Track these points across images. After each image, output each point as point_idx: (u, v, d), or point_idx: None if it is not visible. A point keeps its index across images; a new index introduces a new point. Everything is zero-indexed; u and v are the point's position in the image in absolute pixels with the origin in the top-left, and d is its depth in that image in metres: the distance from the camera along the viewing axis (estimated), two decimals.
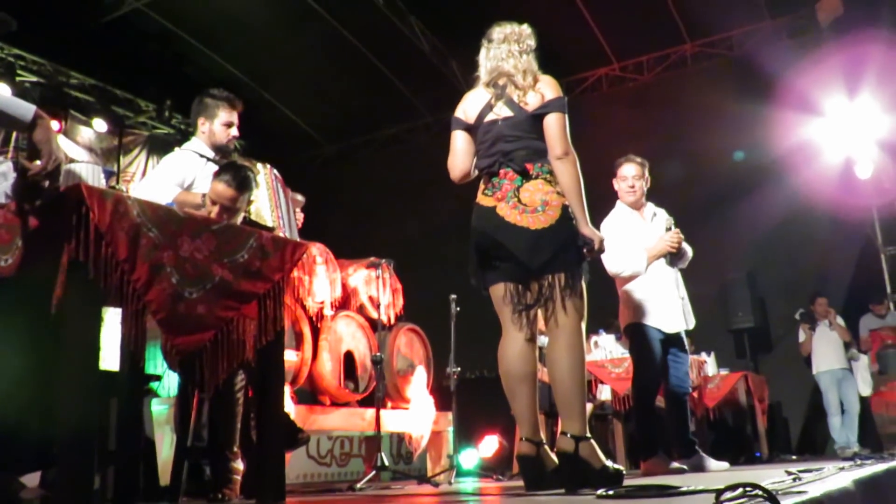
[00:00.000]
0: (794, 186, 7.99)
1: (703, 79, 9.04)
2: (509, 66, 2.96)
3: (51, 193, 2.08)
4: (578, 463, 2.61)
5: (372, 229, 9.61)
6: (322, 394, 4.53)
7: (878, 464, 3.31)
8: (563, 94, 2.96)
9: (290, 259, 2.70)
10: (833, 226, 8.09)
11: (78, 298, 2.07)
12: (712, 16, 8.64)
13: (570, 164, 2.83)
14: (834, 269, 8.41)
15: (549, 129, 2.86)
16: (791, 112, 8.15)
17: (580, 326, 2.83)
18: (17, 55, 8.02)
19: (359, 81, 9.84)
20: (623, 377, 5.48)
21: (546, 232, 2.76)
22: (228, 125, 3.72)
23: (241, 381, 3.17)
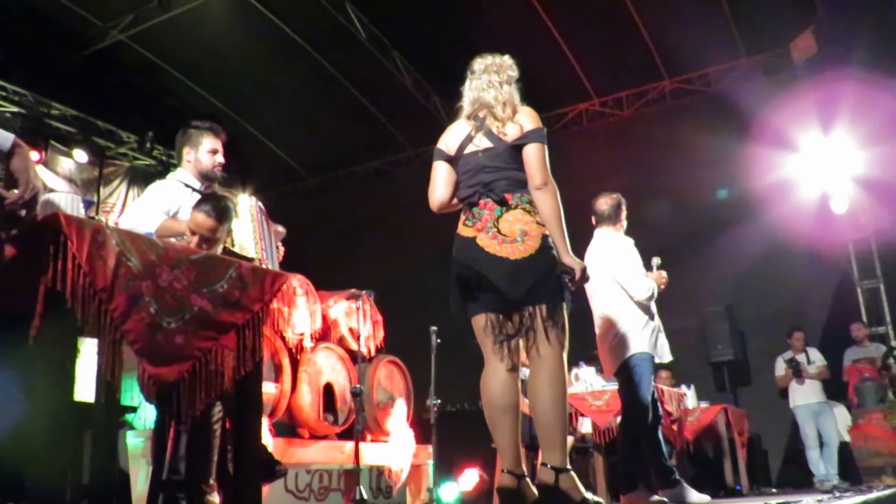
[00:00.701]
0: (771, 221, 8.08)
1: (680, 115, 9.16)
2: (489, 98, 2.98)
3: (28, 222, 2.07)
4: (558, 495, 2.59)
5: (353, 261, 9.61)
6: (301, 426, 4.48)
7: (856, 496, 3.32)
8: (542, 125, 2.96)
9: (270, 290, 2.70)
10: (810, 260, 8.19)
11: (54, 328, 2.06)
12: (689, 53, 8.79)
13: (549, 193, 2.83)
14: (811, 302, 8.49)
15: (528, 160, 2.86)
16: (767, 148, 8.28)
17: (562, 358, 2.81)
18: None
19: (341, 115, 9.89)
20: (604, 410, 5.48)
21: (525, 262, 2.75)
22: (213, 152, 3.74)
23: (219, 413, 3.13)
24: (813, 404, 7.68)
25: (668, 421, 5.78)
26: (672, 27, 8.39)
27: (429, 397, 5.00)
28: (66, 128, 8.71)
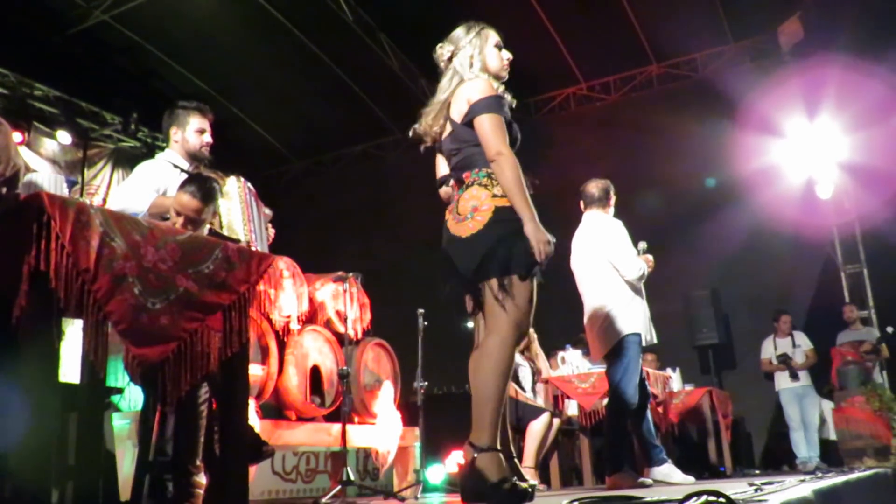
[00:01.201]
0: (756, 206, 8.12)
1: (668, 100, 9.19)
2: (444, 82, 2.93)
3: (10, 201, 2.05)
4: (475, 473, 2.50)
5: (340, 244, 9.59)
6: (288, 408, 4.48)
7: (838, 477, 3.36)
8: (490, 93, 2.79)
9: (257, 271, 2.68)
10: (795, 245, 8.24)
11: (38, 309, 2.04)
12: (677, 38, 8.80)
13: (504, 163, 2.68)
14: (796, 287, 8.56)
15: (479, 134, 2.75)
16: (753, 133, 8.31)
17: (505, 334, 2.65)
18: None
19: (328, 98, 9.85)
20: (590, 392, 5.51)
21: (473, 238, 2.67)
22: (201, 132, 3.72)
23: (205, 394, 3.13)
24: (797, 388, 7.77)
25: (654, 403, 5.81)
26: (660, 12, 8.40)
27: (416, 380, 5.00)
28: (49, 109, 8.62)
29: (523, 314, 2.68)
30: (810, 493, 1.92)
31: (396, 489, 4.86)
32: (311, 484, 5.48)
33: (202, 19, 8.58)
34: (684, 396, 6.74)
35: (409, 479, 5.09)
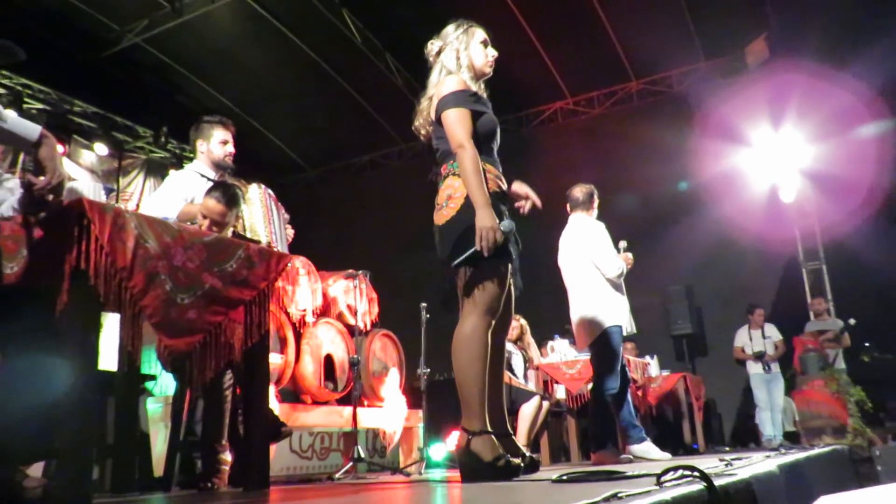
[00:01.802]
0: (726, 210, 8.14)
1: (646, 113, 9.18)
2: (433, 77, 2.83)
3: (54, 207, 2.05)
4: (470, 455, 2.46)
5: (350, 244, 9.59)
6: (304, 393, 4.49)
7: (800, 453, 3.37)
8: (453, 89, 2.67)
9: (275, 269, 2.69)
10: (760, 244, 8.24)
11: (79, 303, 2.04)
12: (655, 57, 8.82)
13: (464, 156, 2.56)
14: (761, 282, 8.58)
15: (444, 127, 2.65)
16: (723, 143, 8.34)
17: (475, 317, 2.53)
18: (24, 84, 7.91)
19: (338, 112, 9.86)
20: (576, 378, 5.52)
21: (446, 225, 2.59)
22: (224, 143, 3.72)
23: (230, 380, 3.13)
24: (765, 373, 7.82)
25: (634, 387, 5.82)
26: (639, 33, 8.41)
27: (419, 367, 5.01)
28: (87, 123, 8.63)
29: (493, 298, 2.56)
30: (775, 468, 1.92)
31: (402, 465, 4.87)
32: (325, 461, 5.48)
33: (224, 41, 8.59)
34: (661, 381, 6.75)
35: (413, 457, 5.10)
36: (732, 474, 1.61)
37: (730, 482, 1.46)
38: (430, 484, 2.61)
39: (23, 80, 7.86)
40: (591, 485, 1.70)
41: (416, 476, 3.95)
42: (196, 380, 2.40)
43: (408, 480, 3.37)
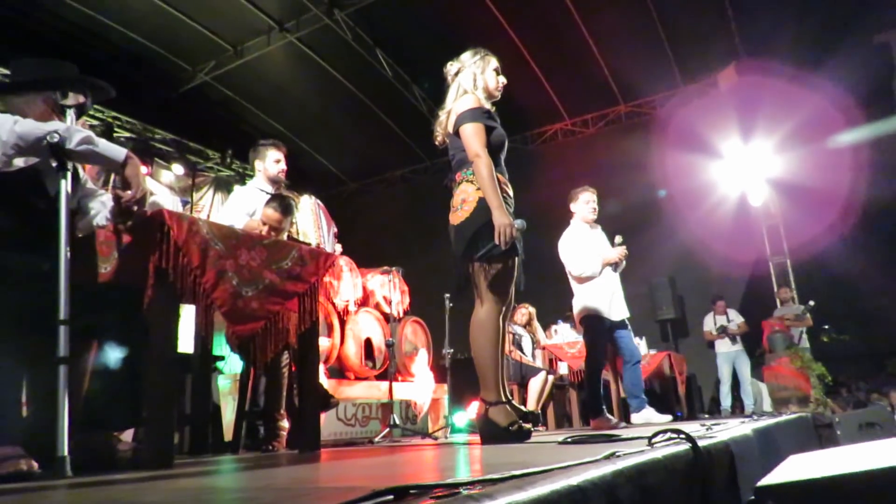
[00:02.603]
0: (703, 212, 8.06)
1: (633, 131, 9.09)
2: (450, 94, 2.79)
3: (140, 216, 2.07)
4: (488, 423, 2.45)
5: (385, 245, 9.58)
6: (348, 370, 4.51)
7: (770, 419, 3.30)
8: (472, 107, 2.64)
9: (324, 266, 2.69)
10: (732, 241, 8.13)
11: (161, 297, 2.06)
12: (639, 83, 8.74)
13: (479, 164, 2.53)
14: (733, 274, 8.45)
15: (462, 141, 2.61)
16: (699, 156, 8.24)
17: (489, 307, 2.51)
18: (115, 117, 8.03)
19: (374, 134, 9.88)
20: (576, 356, 5.48)
21: (463, 224, 2.54)
22: (277, 161, 3.73)
23: (286, 360, 3.15)
24: (731, 352, 7.74)
25: None
26: (626, 64, 8.33)
27: (444, 348, 5.00)
28: (166, 148, 8.73)
29: (504, 287, 2.55)
30: (750, 431, 1.89)
31: (431, 431, 4.87)
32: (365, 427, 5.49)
33: (278, 78, 8.65)
34: (649, 359, 6.65)
35: (440, 423, 5.10)
36: (713, 437, 1.59)
37: (711, 443, 1.43)
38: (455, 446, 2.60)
39: (113, 113, 7.97)
40: (592, 446, 1.68)
41: (442, 440, 3.94)
42: (258, 359, 2.41)
43: (436, 443, 3.36)
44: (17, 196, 1.92)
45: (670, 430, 1.46)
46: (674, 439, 1.42)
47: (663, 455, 1.11)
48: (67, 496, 1.07)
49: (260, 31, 7.89)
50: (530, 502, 0.61)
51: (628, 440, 1.70)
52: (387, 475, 1.14)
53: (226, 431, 3.54)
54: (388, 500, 0.61)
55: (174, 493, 0.99)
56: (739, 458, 1.56)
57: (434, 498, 0.58)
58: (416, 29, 8.01)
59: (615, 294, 4.46)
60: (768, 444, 2.22)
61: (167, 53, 8.03)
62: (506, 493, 0.59)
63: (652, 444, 1.39)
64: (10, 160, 1.78)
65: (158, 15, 7.24)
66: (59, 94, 1.95)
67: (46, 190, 2.02)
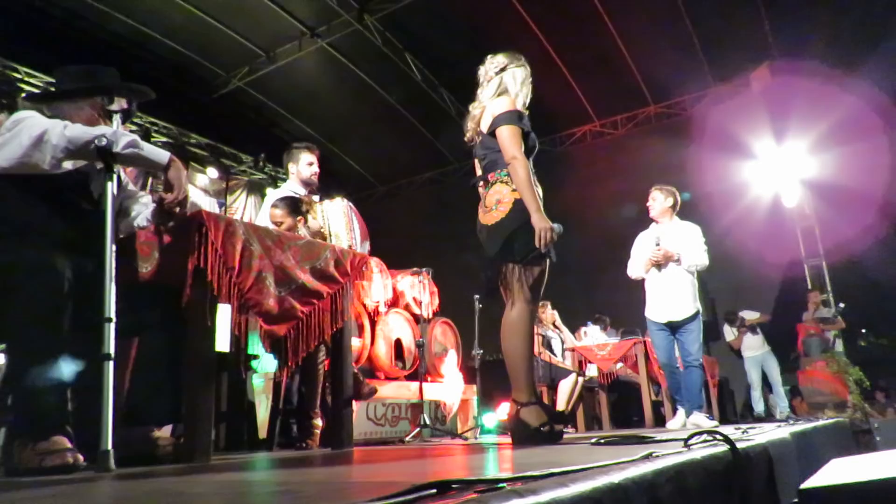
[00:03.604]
0: (735, 212, 7.90)
1: (663, 133, 8.95)
2: (489, 89, 2.76)
3: (180, 217, 2.11)
4: (520, 422, 2.43)
5: (414, 247, 9.60)
6: (378, 370, 4.53)
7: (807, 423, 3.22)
8: (510, 109, 2.63)
9: (356, 266, 2.72)
10: (766, 243, 7.96)
11: (199, 296, 2.10)
12: (670, 84, 8.62)
13: (517, 166, 2.52)
14: (768, 275, 8.28)
15: (499, 141, 2.60)
16: (732, 156, 8.09)
17: (523, 308, 2.50)
18: (152, 122, 8.20)
19: (402, 138, 9.92)
20: (607, 358, 5.43)
21: (497, 225, 2.53)
22: (310, 164, 3.77)
23: (322, 357, 3.17)
24: (758, 355, 7.54)
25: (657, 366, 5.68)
26: (656, 64, 8.22)
27: (473, 349, 4.99)
28: (201, 152, 8.89)
29: (537, 290, 2.55)
30: (788, 435, 1.85)
31: (460, 431, 4.86)
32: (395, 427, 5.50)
33: (310, 83, 8.74)
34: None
35: (469, 424, 5.09)
36: (751, 440, 1.55)
37: (749, 446, 1.40)
38: (487, 446, 2.59)
39: (150, 118, 8.15)
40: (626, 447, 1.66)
41: (472, 440, 3.94)
42: (291, 359, 2.44)
43: (466, 444, 3.36)
44: (65, 198, 1.97)
45: (706, 432, 1.43)
46: (710, 441, 1.40)
47: (702, 456, 1.10)
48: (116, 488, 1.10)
49: (292, 37, 7.99)
50: (573, 499, 0.60)
51: (663, 442, 1.68)
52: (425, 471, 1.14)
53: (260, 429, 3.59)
54: (430, 494, 0.61)
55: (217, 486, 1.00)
56: (778, 462, 1.52)
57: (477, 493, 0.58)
58: (444, 32, 8.02)
59: (667, 294, 4.40)
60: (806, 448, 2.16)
61: (203, 60, 8.18)
62: (549, 490, 0.59)
63: (688, 445, 1.37)
64: (59, 163, 1.83)
65: (195, 23, 7.39)
66: (105, 100, 2.00)
67: (91, 192, 2.08)
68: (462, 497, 0.58)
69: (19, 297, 1.68)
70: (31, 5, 6.74)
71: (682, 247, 4.40)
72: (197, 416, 2.02)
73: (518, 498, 0.55)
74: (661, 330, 4.37)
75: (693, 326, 4.33)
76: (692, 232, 4.50)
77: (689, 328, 4.33)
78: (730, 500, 1.17)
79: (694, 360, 4.29)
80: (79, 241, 1.91)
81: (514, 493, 0.56)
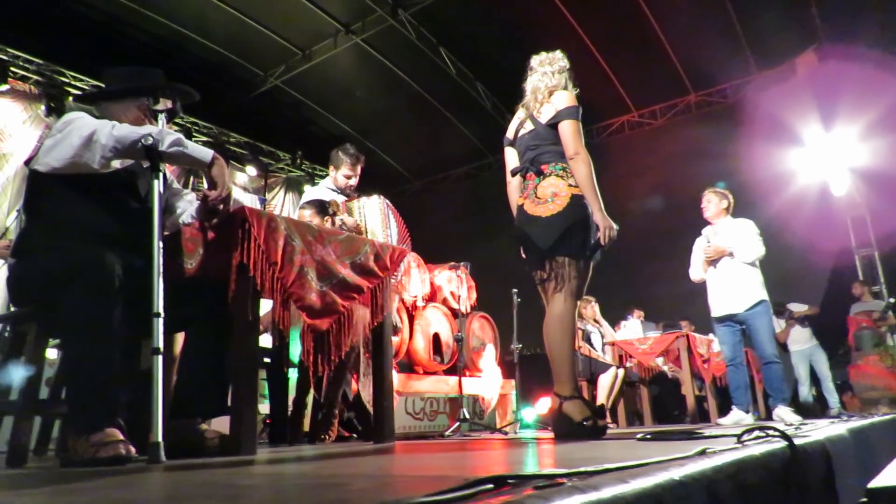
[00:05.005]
0: (781, 201, 7.66)
1: (703, 122, 8.76)
2: (541, 86, 2.76)
3: (224, 214, 2.14)
4: (562, 416, 2.43)
5: (451, 241, 9.61)
6: (417, 365, 4.54)
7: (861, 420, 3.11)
8: (576, 105, 2.66)
9: (395, 260, 2.72)
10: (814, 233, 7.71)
11: (243, 291, 2.13)
12: (711, 71, 8.41)
13: (580, 162, 2.55)
14: (816, 265, 8.01)
15: (562, 135, 2.61)
16: (777, 144, 7.84)
17: (569, 303, 2.52)
18: (193, 122, 8.39)
19: (438, 133, 9.92)
20: (648, 352, 5.35)
21: (553, 218, 2.53)
22: (348, 177, 3.78)
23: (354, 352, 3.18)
24: (805, 349, 7.28)
25: (700, 360, 5.57)
26: (695, 51, 8.03)
27: (512, 343, 4.97)
28: (240, 150, 9.05)
29: (584, 285, 2.59)
30: (845, 431, 1.78)
31: (499, 426, 4.85)
32: (434, 422, 5.53)
33: (345, 81, 8.80)
34: None
35: (508, 419, 5.07)
36: (806, 436, 1.50)
37: (806, 442, 1.35)
38: (529, 440, 2.57)
39: (192, 118, 8.33)
40: (673, 443, 1.63)
41: (512, 435, 3.92)
42: (333, 352, 2.45)
43: (506, 439, 3.34)
44: (113, 196, 2.02)
45: (760, 427, 1.39)
46: (763, 438, 1.35)
47: (760, 453, 1.06)
48: (170, 479, 1.12)
49: (327, 35, 8.06)
50: (634, 495, 0.58)
51: (714, 438, 1.63)
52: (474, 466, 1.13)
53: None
54: (487, 489, 0.60)
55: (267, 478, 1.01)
56: (836, 459, 1.47)
57: (536, 488, 0.57)
58: (479, 25, 7.98)
59: (727, 287, 4.43)
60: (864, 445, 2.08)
61: (240, 60, 8.31)
62: (609, 486, 0.57)
63: (742, 442, 1.33)
64: (108, 162, 1.88)
65: (232, 24, 7.51)
66: (150, 100, 2.04)
67: (139, 190, 2.13)
68: (520, 493, 0.57)
69: (72, 294, 1.72)
70: (76, 12, 6.94)
71: (734, 241, 4.43)
72: (243, 408, 2.04)
73: (579, 494, 0.53)
74: (726, 325, 4.36)
75: (760, 317, 4.33)
76: (745, 226, 4.54)
77: (757, 322, 4.32)
78: (788, 498, 1.13)
79: (771, 356, 4.28)
80: (127, 238, 1.96)
81: (575, 489, 0.55)
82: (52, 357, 3.30)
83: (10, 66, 6.68)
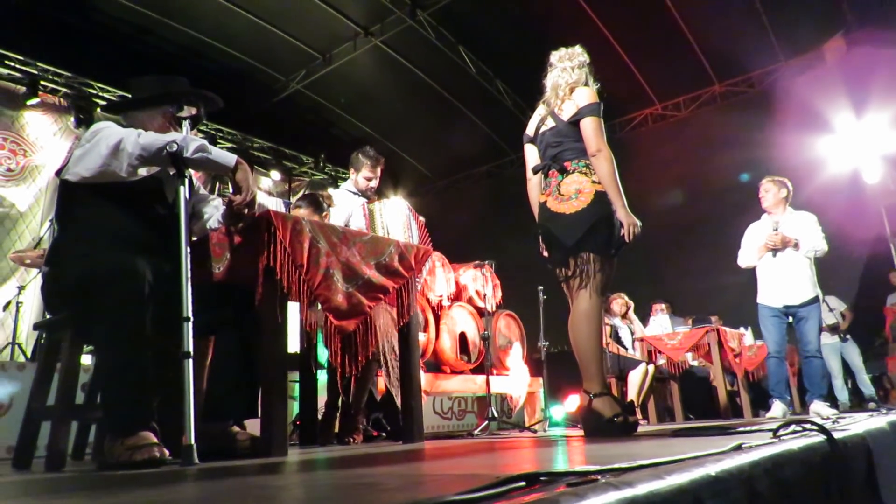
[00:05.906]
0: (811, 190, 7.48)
1: (729, 113, 8.58)
2: (561, 82, 2.75)
3: (249, 218, 2.17)
4: (591, 413, 2.42)
5: (475, 240, 9.59)
6: (443, 364, 4.54)
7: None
8: (597, 101, 2.65)
9: (420, 260, 2.72)
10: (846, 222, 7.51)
11: (270, 294, 2.15)
12: (736, 59, 8.24)
13: (602, 159, 2.55)
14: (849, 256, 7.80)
15: (584, 132, 2.60)
16: (806, 132, 7.66)
17: (595, 299, 2.52)
18: (217, 129, 8.50)
19: (458, 132, 9.88)
20: (677, 347, 5.27)
21: (577, 214, 2.53)
22: (368, 179, 3.80)
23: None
24: (835, 342, 7.11)
25: (732, 355, 5.47)
26: (719, 40, 7.87)
27: (539, 341, 4.94)
28: (264, 155, 9.15)
29: (608, 281, 2.58)
30: (885, 424, 1.73)
31: (527, 424, 4.83)
32: (462, 421, 5.53)
33: (366, 82, 8.82)
34: (756, 350, 6.29)
35: (536, 417, 5.04)
36: (846, 429, 1.46)
37: (846, 436, 1.32)
38: (559, 438, 2.55)
39: (215, 125, 8.45)
40: (707, 438, 1.60)
41: (541, 433, 3.90)
42: (360, 353, 2.46)
43: (536, 437, 3.32)
44: (141, 203, 2.06)
45: (796, 422, 1.36)
46: (801, 432, 1.32)
47: (798, 447, 1.03)
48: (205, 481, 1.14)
49: (346, 38, 8.09)
50: (671, 491, 0.57)
51: (748, 432, 1.60)
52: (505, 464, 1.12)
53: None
54: (519, 487, 0.59)
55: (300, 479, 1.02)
56: (878, 453, 1.43)
57: (569, 485, 0.56)
58: (498, 23, 7.94)
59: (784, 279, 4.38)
60: None
61: (262, 66, 8.39)
62: (645, 482, 0.56)
63: (778, 436, 1.30)
64: (135, 170, 1.91)
65: (253, 30, 7.59)
66: (175, 107, 2.07)
67: (166, 197, 2.16)
68: (553, 490, 0.56)
69: (104, 301, 1.76)
70: (102, 24, 7.08)
71: (799, 234, 4.40)
72: (274, 410, 2.06)
73: (614, 490, 0.53)
74: (775, 316, 4.30)
75: (812, 313, 4.29)
76: (808, 219, 4.54)
77: (809, 315, 4.28)
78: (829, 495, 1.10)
79: (814, 350, 4.25)
80: (156, 244, 1.99)
81: (610, 485, 0.54)
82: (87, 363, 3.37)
83: (41, 80, 6.84)
